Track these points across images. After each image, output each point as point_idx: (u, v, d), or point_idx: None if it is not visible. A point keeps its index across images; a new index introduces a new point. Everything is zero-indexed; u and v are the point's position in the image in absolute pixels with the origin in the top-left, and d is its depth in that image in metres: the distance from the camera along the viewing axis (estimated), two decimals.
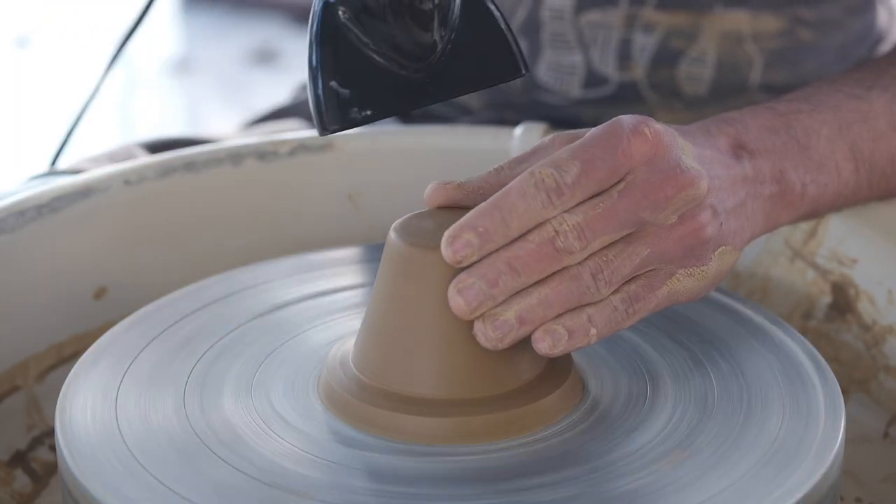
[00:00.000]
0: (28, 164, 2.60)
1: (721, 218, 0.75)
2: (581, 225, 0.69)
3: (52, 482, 0.86)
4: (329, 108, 0.73)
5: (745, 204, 0.77)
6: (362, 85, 0.73)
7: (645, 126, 0.71)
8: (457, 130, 1.04)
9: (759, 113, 0.84)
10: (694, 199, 0.72)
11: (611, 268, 0.70)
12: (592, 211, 0.70)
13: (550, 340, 0.70)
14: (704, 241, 0.73)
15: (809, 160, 0.83)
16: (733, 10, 1.06)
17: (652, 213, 0.71)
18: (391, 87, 0.73)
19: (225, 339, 0.80)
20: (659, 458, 0.70)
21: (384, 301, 0.73)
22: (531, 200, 0.69)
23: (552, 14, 1.08)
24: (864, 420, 0.89)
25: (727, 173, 0.76)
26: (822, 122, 0.85)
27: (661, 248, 0.72)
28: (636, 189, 0.70)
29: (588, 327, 0.70)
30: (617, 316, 0.71)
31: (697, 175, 0.72)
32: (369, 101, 0.73)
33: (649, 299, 0.72)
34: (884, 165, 0.88)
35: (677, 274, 0.73)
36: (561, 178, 0.69)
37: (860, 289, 0.90)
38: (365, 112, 0.73)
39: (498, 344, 0.70)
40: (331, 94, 0.73)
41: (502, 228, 0.68)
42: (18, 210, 0.90)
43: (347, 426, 0.72)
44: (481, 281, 0.69)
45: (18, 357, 0.89)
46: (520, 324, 0.69)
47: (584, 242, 0.70)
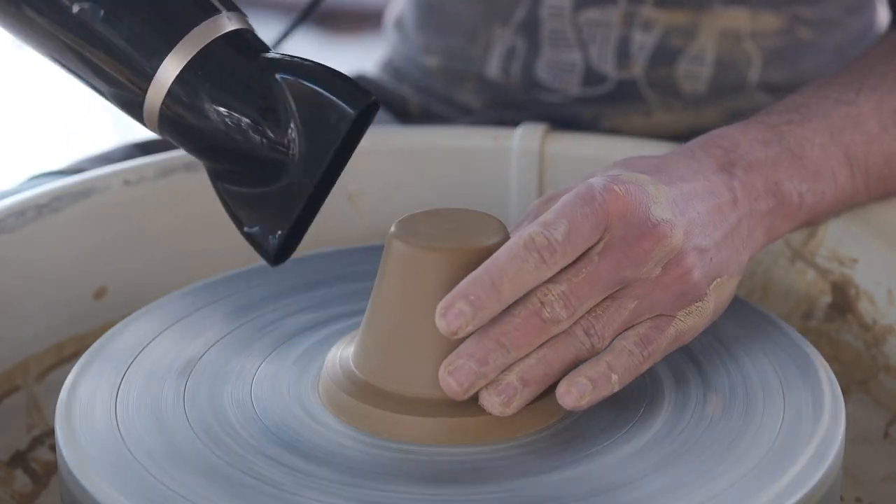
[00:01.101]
0: (28, 164, 2.60)
1: (710, 254, 0.74)
2: (566, 293, 0.69)
3: (52, 482, 0.86)
4: (259, 250, 0.76)
5: (738, 227, 0.77)
6: (259, 216, 0.75)
7: (614, 184, 0.71)
8: (457, 130, 1.04)
9: (750, 127, 0.83)
10: (671, 251, 0.72)
11: (601, 322, 0.71)
12: (576, 278, 0.70)
13: (577, 393, 0.69)
14: (694, 283, 0.73)
15: (804, 169, 0.83)
16: (732, 9, 1.06)
17: (633, 270, 0.71)
18: (279, 203, 0.75)
19: (225, 339, 0.80)
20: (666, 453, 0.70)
21: (384, 301, 0.73)
22: (522, 263, 0.68)
23: (551, 12, 1.08)
24: (864, 420, 0.89)
25: (713, 203, 0.76)
26: (814, 130, 0.85)
27: (651, 299, 0.72)
28: (614, 249, 0.70)
29: (609, 374, 0.70)
30: (634, 360, 0.71)
31: (669, 227, 0.72)
32: (271, 223, 0.75)
33: (661, 340, 0.72)
34: (880, 168, 0.87)
35: (678, 316, 0.73)
36: (551, 236, 0.68)
37: (860, 289, 0.90)
38: (276, 234, 0.75)
39: (505, 410, 0.69)
40: (250, 238, 0.76)
41: (494, 294, 0.68)
42: (18, 210, 0.90)
43: (347, 426, 0.72)
44: (471, 361, 0.69)
45: (18, 357, 0.89)
46: (523, 385, 0.69)
47: (571, 310, 0.70)
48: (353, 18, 3.21)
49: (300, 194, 0.74)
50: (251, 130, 0.74)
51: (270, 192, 0.75)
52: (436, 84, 1.16)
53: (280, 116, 0.73)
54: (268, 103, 0.74)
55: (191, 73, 0.73)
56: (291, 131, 0.73)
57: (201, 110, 0.74)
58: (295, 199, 0.74)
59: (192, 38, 0.73)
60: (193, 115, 0.74)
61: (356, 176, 1.00)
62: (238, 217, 0.76)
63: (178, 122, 0.75)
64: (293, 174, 0.74)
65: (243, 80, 0.74)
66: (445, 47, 1.14)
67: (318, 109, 0.73)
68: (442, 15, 1.14)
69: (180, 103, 0.74)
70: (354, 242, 0.98)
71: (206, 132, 0.74)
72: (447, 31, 1.14)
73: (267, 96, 0.74)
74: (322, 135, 0.73)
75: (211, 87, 0.74)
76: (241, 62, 0.74)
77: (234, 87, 0.74)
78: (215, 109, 0.74)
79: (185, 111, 0.74)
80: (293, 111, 0.73)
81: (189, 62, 0.73)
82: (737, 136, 0.82)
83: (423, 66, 1.16)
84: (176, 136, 0.76)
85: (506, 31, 1.10)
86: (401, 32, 1.19)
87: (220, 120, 0.74)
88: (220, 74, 0.74)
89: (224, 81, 0.74)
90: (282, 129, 0.73)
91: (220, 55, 0.74)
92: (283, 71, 0.74)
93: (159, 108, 0.74)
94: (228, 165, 0.76)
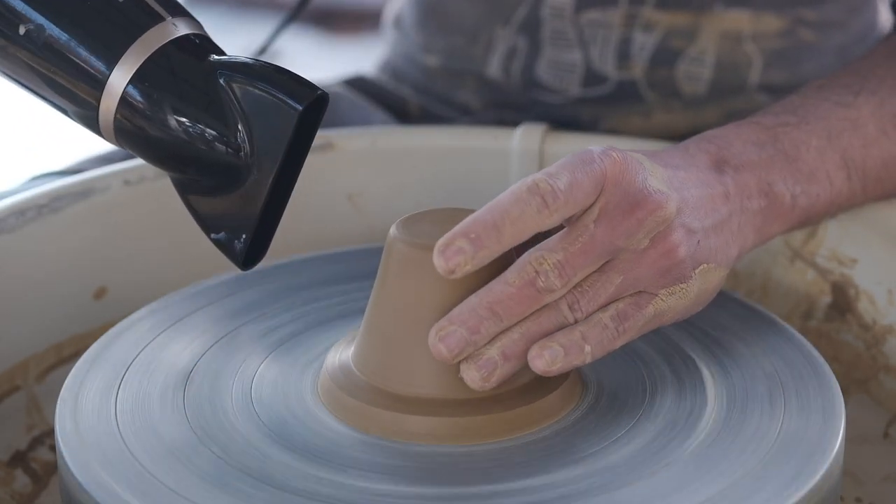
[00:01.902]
0: (28, 164, 2.60)
1: (698, 236, 0.74)
2: (562, 262, 0.70)
3: (52, 482, 0.86)
4: (228, 256, 0.76)
5: (730, 220, 0.77)
6: (223, 222, 0.76)
7: (612, 151, 0.71)
8: (457, 130, 1.04)
9: (744, 128, 0.83)
10: (664, 221, 0.72)
11: (586, 298, 0.71)
12: (572, 247, 0.70)
13: (548, 357, 0.69)
14: (679, 261, 0.73)
15: (798, 172, 0.83)
16: (733, 10, 1.06)
17: (626, 239, 0.71)
18: (239, 207, 0.75)
19: (225, 339, 0.80)
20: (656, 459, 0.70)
21: (384, 301, 0.73)
22: (525, 205, 0.68)
23: (553, 12, 1.08)
24: (864, 420, 0.89)
25: (705, 192, 0.76)
26: (810, 133, 0.85)
27: (635, 274, 0.72)
28: (609, 217, 0.71)
29: (582, 345, 0.70)
30: (608, 334, 0.71)
31: (663, 197, 0.72)
32: (236, 228, 0.76)
33: (637, 318, 0.72)
34: (877, 171, 0.87)
35: (660, 294, 0.73)
36: (555, 183, 0.69)
37: (860, 289, 0.90)
38: (241, 237, 0.76)
39: (484, 384, 0.70)
40: (218, 245, 0.76)
41: (495, 234, 0.68)
42: (18, 210, 0.90)
43: (347, 426, 0.72)
44: (463, 328, 0.69)
45: (18, 357, 0.89)
46: (504, 360, 0.69)
47: (565, 279, 0.70)
48: (352, 18, 3.21)
49: (258, 195, 0.74)
50: (203, 135, 0.74)
51: (231, 197, 0.75)
52: (435, 84, 1.16)
53: (228, 119, 0.74)
54: (216, 106, 0.74)
55: (140, 80, 0.74)
56: (241, 133, 0.74)
57: (153, 117, 0.74)
58: (253, 201, 0.75)
59: (140, 46, 0.74)
60: (146, 123, 0.74)
61: (356, 176, 1.00)
62: (205, 224, 0.77)
63: (132, 131, 0.75)
64: (248, 176, 0.74)
65: (191, 84, 0.74)
66: (446, 47, 1.14)
67: (265, 109, 0.74)
68: (443, 14, 1.14)
69: (133, 111, 0.74)
70: (354, 242, 0.98)
71: (159, 139, 0.75)
72: (448, 31, 1.14)
73: (214, 99, 0.74)
74: (271, 134, 0.74)
75: (160, 94, 0.74)
76: (189, 67, 0.75)
77: (182, 92, 0.74)
78: (167, 115, 0.74)
79: (138, 119, 0.74)
80: (240, 112, 0.74)
81: (137, 70, 0.74)
82: (730, 137, 0.82)
83: (422, 65, 1.16)
84: (132, 146, 0.76)
85: (507, 31, 1.10)
86: (400, 31, 1.19)
87: (172, 126, 0.74)
88: (168, 80, 0.74)
89: (172, 87, 0.74)
90: (231, 131, 0.74)
91: (167, 61, 0.74)
92: (229, 72, 0.74)
93: (113, 119, 0.75)
94: (186, 172, 0.76)
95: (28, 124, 2.91)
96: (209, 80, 0.74)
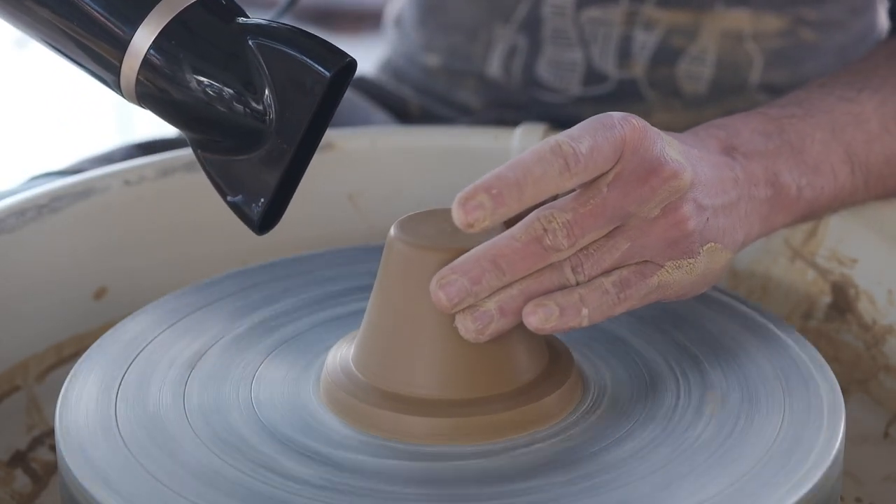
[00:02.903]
0: (28, 164, 2.60)
1: (707, 213, 0.74)
2: (570, 222, 0.69)
3: (52, 482, 0.86)
4: (244, 219, 0.75)
5: (738, 204, 0.77)
6: (241, 185, 0.75)
7: (632, 118, 0.71)
8: (457, 130, 1.04)
9: (751, 118, 0.83)
10: (677, 191, 0.72)
11: (591, 261, 0.70)
12: (582, 208, 0.70)
13: (543, 314, 0.69)
14: (687, 233, 0.73)
15: (804, 163, 0.83)
16: (734, 9, 1.06)
17: (637, 206, 0.71)
18: (259, 171, 0.74)
19: (225, 339, 0.80)
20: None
21: (384, 301, 0.73)
22: (547, 166, 0.68)
23: (553, 10, 1.08)
24: (864, 420, 0.89)
25: (717, 173, 0.76)
26: (815, 125, 0.85)
27: (642, 242, 0.72)
28: (623, 182, 0.70)
29: (580, 307, 0.70)
30: (608, 299, 0.71)
31: (680, 167, 0.72)
32: (254, 191, 0.74)
33: (640, 286, 0.72)
34: (880, 167, 0.88)
35: (666, 265, 0.73)
36: (577, 147, 0.68)
37: (860, 289, 0.90)
38: (259, 201, 0.74)
39: (479, 336, 0.69)
40: (234, 208, 0.75)
41: (516, 192, 0.67)
42: (18, 210, 0.90)
43: (347, 426, 0.72)
44: (464, 278, 0.68)
45: (18, 357, 0.89)
46: (500, 314, 0.69)
47: (573, 240, 0.69)
48: (352, 18, 3.21)
49: (280, 161, 0.73)
50: (227, 97, 0.73)
51: (250, 160, 0.74)
52: (436, 84, 1.16)
53: (255, 82, 0.73)
54: (242, 69, 0.73)
55: (165, 41, 0.73)
56: (267, 97, 0.73)
57: (177, 79, 0.73)
58: (275, 166, 0.73)
59: (165, 6, 0.73)
60: (170, 84, 0.73)
61: (356, 176, 1.00)
62: (221, 186, 0.75)
63: (154, 92, 0.74)
64: (271, 140, 0.73)
65: (218, 46, 0.73)
66: (446, 46, 1.14)
67: (293, 73, 0.73)
68: (443, 13, 1.14)
69: (156, 73, 0.73)
70: (355, 242, 0.98)
71: (182, 101, 0.74)
72: (448, 30, 1.14)
73: (241, 62, 0.73)
74: (298, 99, 0.73)
75: (186, 55, 0.73)
76: (216, 28, 0.73)
77: (208, 53, 0.73)
78: (191, 77, 0.73)
79: (162, 80, 0.73)
80: (267, 76, 0.73)
81: (163, 30, 0.72)
82: (738, 126, 0.82)
83: (423, 64, 1.16)
84: (154, 106, 0.75)
85: (507, 30, 1.10)
86: (400, 30, 1.19)
87: (196, 88, 0.73)
88: (194, 41, 0.73)
89: (199, 48, 0.73)
90: (258, 94, 0.73)
91: (194, 22, 0.73)
92: (257, 35, 0.73)
93: (135, 79, 0.73)
94: (207, 134, 0.75)
95: (28, 124, 2.91)
96: (236, 43, 0.73)
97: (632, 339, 0.79)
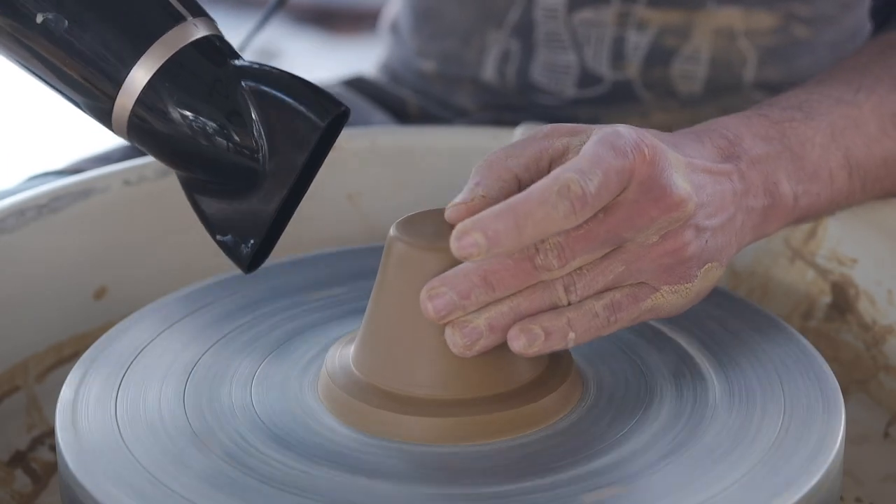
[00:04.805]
0: (28, 164, 2.60)
1: (706, 235, 0.74)
2: (563, 244, 0.69)
3: (52, 482, 0.86)
4: (233, 259, 0.76)
5: (735, 218, 0.76)
6: (231, 225, 0.75)
7: (643, 144, 0.69)
8: (457, 130, 1.04)
9: (753, 122, 0.83)
10: (678, 220, 0.71)
11: (584, 281, 0.70)
12: (575, 231, 0.69)
13: (525, 340, 0.69)
14: (685, 259, 0.72)
15: (803, 170, 0.83)
16: (726, 7, 1.06)
17: (633, 233, 0.70)
18: (250, 212, 0.75)
19: (225, 339, 0.80)
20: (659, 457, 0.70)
21: (384, 301, 0.73)
22: (552, 209, 0.66)
23: (546, 13, 1.08)
24: (864, 420, 0.89)
25: (717, 188, 0.75)
26: (815, 129, 0.84)
27: (638, 266, 0.71)
28: (622, 210, 0.69)
29: (567, 331, 0.70)
30: (597, 323, 0.71)
31: (686, 197, 0.71)
32: (244, 232, 0.75)
33: (632, 310, 0.72)
34: (877, 169, 0.87)
35: (662, 290, 0.73)
36: (587, 187, 0.66)
37: (860, 289, 0.90)
38: (249, 242, 0.75)
39: (466, 351, 0.69)
40: (223, 247, 0.76)
41: (515, 235, 0.66)
42: (18, 210, 0.90)
43: (347, 426, 0.72)
44: (452, 291, 0.68)
45: (18, 357, 0.89)
46: (490, 331, 0.69)
47: (564, 261, 0.69)
48: (352, 18, 3.21)
49: (270, 203, 0.74)
50: (219, 138, 0.74)
51: (241, 201, 0.75)
52: (432, 88, 1.16)
53: (247, 125, 0.73)
54: (235, 112, 0.74)
55: (160, 80, 0.73)
56: (259, 140, 0.73)
57: (170, 117, 0.74)
58: (266, 209, 0.74)
59: (161, 46, 0.73)
60: (162, 122, 0.74)
61: (356, 176, 1.00)
62: (210, 225, 0.76)
63: (147, 129, 0.75)
64: (263, 182, 0.74)
65: (211, 87, 0.74)
66: (440, 51, 1.14)
67: (286, 120, 0.73)
68: (436, 19, 1.13)
69: (150, 110, 0.74)
70: (354, 242, 0.98)
71: (174, 139, 0.74)
72: (442, 35, 1.14)
73: (234, 104, 0.74)
74: (291, 145, 0.73)
75: (180, 95, 0.74)
76: (210, 69, 0.74)
77: (203, 94, 0.74)
78: (184, 116, 0.74)
79: (155, 118, 0.74)
80: (261, 120, 0.73)
81: (159, 70, 0.73)
82: (741, 130, 0.81)
83: (418, 70, 1.16)
84: (145, 143, 0.76)
85: (500, 34, 1.10)
86: (396, 36, 1.19)
87: (189, 127, 0.74)
88: (189, 82, 0.74)
89: (192, 89, 0.74)
90: (248, 137, 0.74)
91: (189, 62, 0.74)
92: (251, 79, 0.74)
93: (128, 116, 0.74)
94: (197, 173, 0.76)
95: (27, 124, 2.91)
96: (229, 85, 0.74)
97: (631, 338, 0.79)
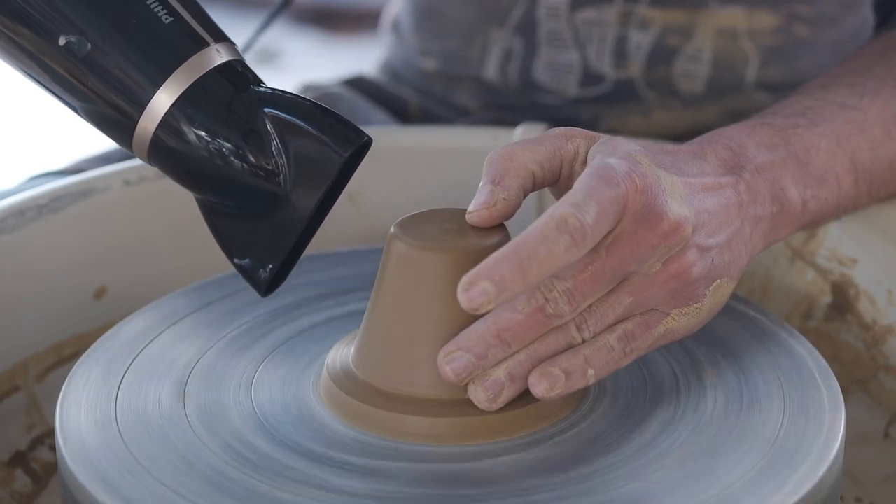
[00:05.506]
0: (28, 164, 2.60)
1: (712, 254, 0.73)
2: (571, 290, 0.69)
3: (52, 482, 0.86)
4: (251, 282, 0.76)
5: (742, 230, 0.76)
6: (250, 249, 0.75)
7: (634, 174, 0.69)
8: (457, 130, 1.04)
9: (757, 130, 0.82)
10: (678, 245, 0.71)
11: (594, 318, 0.70)
12: (581, 275, 0.69)
13: (547, 384, 0.69)
14: (691, 281, 0.72)
15: (809, 175, 0.82)
16: (728, 7, 1.06)
17: (637, 265, 0.70)
18: (270, 237, 0.75)
19: (225, 339, 0.80)
20: (664, 454, 0.70)
21: (384, 301, 0.73)
22: (552, 245, 0.66)
23: (548, 12, 1.08)
24: (864, 420, 0.89)
25: (719, 203, 0.75)
26: (820, 135, 0.84)
27: (646, 295, 0.71)
28: (623, 244, 0.69)
29: (585, 368, 0.70)
30: (614, 356, 0.71)
31: (682, 220, 0.71)
32: (263, 257, 0.75)
33: (646, 338, 0.72)
34: (883, 173, 0.87)
35: (672, 314, 0.73)
36: (583, 218, 0.67)
37: (860, 289, 0.90)
38: (267, 267, 0.75)
39: (491, 405, 0.70)
40: (241, 270, 0.76)
41: (520, 277, 0.66)
42: (18, 210, 0.90)
43: (347, 426, 0.72)
44: (469, 354, 0.68)
45: (18, 357, 0.89)
46: (510, 381, 0.69)
47: (574, 306, 0.69)
48: (352, 18, 3.21)
49: (290, 230, 0.74)
50: (239, 164, 0.74)
51: (261, 226, 0.75)
52: (434, 87, 1.16)
53: (268, 151, 0.74)
54: (257, 137, 0.74)
55: (184, 104, 0.74)
56: (280, 166, 0.73)
57: (192, 141, 0.74)
58: (286, 234, 0.74)
59: (186, 70, 0.74)
60: (185, 146, 0.74)
61: (356, 176, 1.00)
62: (229, 249, 0.76)
63: (169, 152, 0.75)
64: (282, 208, 0.74)
65: (234, 113, 0.74)
66: (442, 50, 1.14)
67: (308, 149, 0.73)
68: (438, 18, 1.13)
69: (172, 134, 0.74)
70: (355, 242, 0.98)
71: (195, 162, 0.75)
72: (444, 34, 1.13)
73: (256, 130, 0.74)
74: (312, 173, 0.73)
75: (203, 119, 0.74)
76: (233, 95, 0.74)
77: (224, 119, 0.74)
78: (206, 140, 0.74)
79: (177, 142, 0.74)
80: (282, 147, 0.73)
81: (182, 94, 0.73)
82: (745, 139, 0.81)
83: (420, 69, 1.16)
84: (166, 165, 0.76)
85: (503, 33, 1.10)
86: (397, 35, 1.19)
87: (211, 151, 0.74)
88: (212, 106, 0.74)
89: (215, 114, 0.74)
90: (270, 163, 0.74)
91: (212, 87, 0.74)
92: (272, 106, 0.74)
93: (151, 139, 0.74)
94: (219, 197, 0.76)
95: (28, 124, 2.91)
96: (251, 111, 0.74)
97: None
